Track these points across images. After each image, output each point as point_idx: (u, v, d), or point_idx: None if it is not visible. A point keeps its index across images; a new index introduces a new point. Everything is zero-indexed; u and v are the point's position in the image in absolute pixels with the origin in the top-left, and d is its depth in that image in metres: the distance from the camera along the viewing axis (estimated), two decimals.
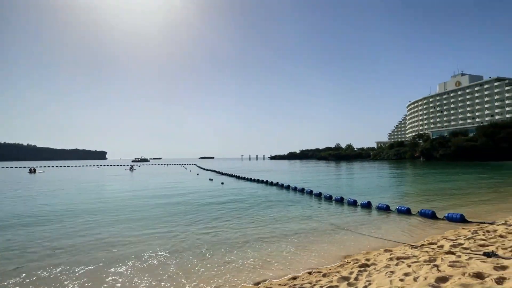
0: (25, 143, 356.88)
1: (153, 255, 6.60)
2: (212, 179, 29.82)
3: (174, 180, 31.26)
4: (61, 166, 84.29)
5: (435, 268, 4.53)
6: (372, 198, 13.60)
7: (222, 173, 39.69)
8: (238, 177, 31.60)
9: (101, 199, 16.58)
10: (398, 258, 5.43)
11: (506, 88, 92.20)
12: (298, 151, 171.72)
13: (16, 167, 79.12)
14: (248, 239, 7.85)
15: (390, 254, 5.80)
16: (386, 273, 4.60)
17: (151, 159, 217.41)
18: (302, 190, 18.12)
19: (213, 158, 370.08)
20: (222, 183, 24.69)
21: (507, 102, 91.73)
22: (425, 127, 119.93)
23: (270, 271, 5.58)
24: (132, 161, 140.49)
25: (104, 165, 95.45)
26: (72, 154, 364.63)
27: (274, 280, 5.12)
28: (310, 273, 5.25)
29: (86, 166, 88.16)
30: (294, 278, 5.06)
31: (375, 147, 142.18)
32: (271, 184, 22.78)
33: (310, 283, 4.67)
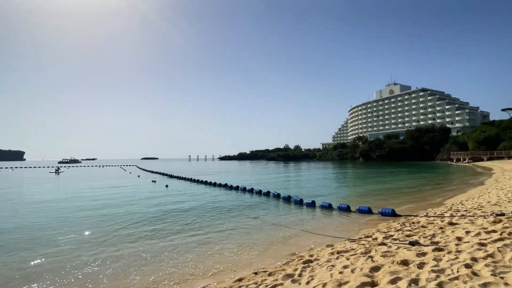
0: None
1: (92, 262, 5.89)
2: (155, 181, 28.22)
3: (109, 184, 28.66)
4: None
5: (370, 259, 4.99)
6: (317, 197, 14.49)
7: (167, 175, 37.88)
8: (184, 179, 30.51)
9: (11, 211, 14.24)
10: (338, 252, 5.84)
11: (429, 98, 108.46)
12: (248, 152, 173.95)
13: None
14: (188, 241, 7.60)
15: (332, 249, 6.21)
16: (327, 267, 4.90)
17: (83, 160, 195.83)
18: (251, 191, 18.36)
19: (157, 159, 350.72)
20: (167, 186, 23.53)
21: (429, 110, 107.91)
22: (364, 130, 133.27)
23: (214, 274, 5.47)
24: (59, 162, 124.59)
25: (21, 167, 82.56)
26: None
27: (219, 285, 5.02)
28: (256, 273, 5.29)
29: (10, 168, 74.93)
30: (239, 280, 5.04)
31: (321, 148, 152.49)
32: (220, 185, 22.55)
33: (255, 283, 4.70)
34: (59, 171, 53.06)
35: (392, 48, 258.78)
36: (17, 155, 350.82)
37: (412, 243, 5.60)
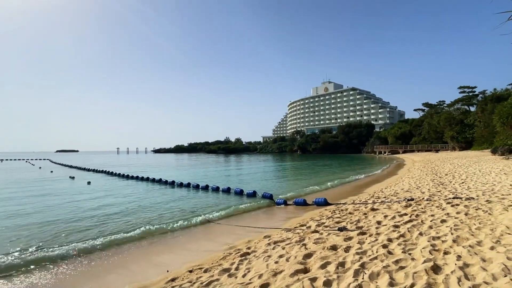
0: None
1: None
2: (73, 177, 25.07)
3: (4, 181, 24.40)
4: None
5: (304, 246, 5.35)
6: (258, 188, 14.89)
7: (89, 170, 34.06)
8: (111, 174, 27.89)
9: None
10: (275, 242, 6.10)
11: (358, 96, 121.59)
12: (186, 144, 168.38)
13: None
14: (120, 243, 7.01)
15: (269, 240, 6.46)
16: (264, 258, 5.07)
17: None
18: (188, 185, 17.83)
19: (77, 151, 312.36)
20: (89, 183, 21.14)
21: (357, 107, 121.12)
22: (301, 124, 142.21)
23: (145, 279, 5.15)
24: None
25: None
26: None
27: (151, 286, 4.75)
28: (191, 271, 5.16)
29: None
30: (173, 280, 4.85)
31: (261, 141, 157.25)
32: (153, 181, 21.29)
33: (190, 281, 4.59)
34: None
35: (328, 47, 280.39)
36: None
37: (340, 229, 6.20)
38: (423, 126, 67.48)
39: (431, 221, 5.95)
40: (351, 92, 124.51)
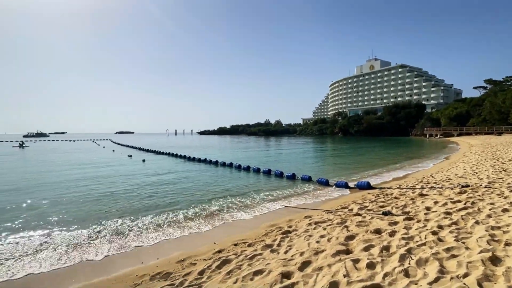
0: None
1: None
2: (131, 156, 27.52)
3: (78, 158, 27.62)
4: None
5: (345, 228, 5.27)
6: (297, 171, 14.84)
7: (143, 149, 36.99)
8: (162, 153, 29.99)
9: None
10: (316, 223, 6.10)
11: (407, 74, 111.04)
12: (228, 126, 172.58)
13: None
14: (169, 216, 7.63)
15: (309, 220, 6.48)
16: (305, 237, 5.12)
17: (51, 133, 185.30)
18: (230, 165, 18.44)
19: (132, 133, 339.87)
20: (144, 161, 23.05)
21: (406, 86, 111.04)
22: (344, 105, 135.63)
23: (196, 248, 5.56)
24: (24, 136, 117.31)
25: None
26: None
27: (198, 257, 5.12)
28: (236, 244, 5.44)
29: None
30: (219, 251, 5.16)
31: (301, 124, 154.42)
32: (199, 160, 22.43)
33: (235, 254, 4.84)
34: (24, 145, 50.08)
35: (374, 23, 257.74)
36: None
37: (385, 213, 5.95)
38: (483, 105, 59.59)
39: (490, 209, 5.39)
40: (399, 70, 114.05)
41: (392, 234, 4.60)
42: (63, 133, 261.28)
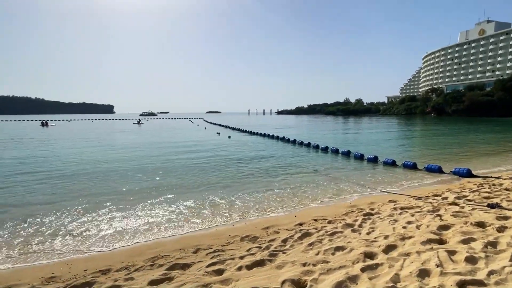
0: (33, 97, 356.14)
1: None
2: (219, 133, 30.20)
3: (183, 134, 31.75)
4: (70, 120, 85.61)
5: (438, 217, 4.70)
6: (379, 153, 13.65)
7: (229, 127, 39.97)
8: (244, 131, 31.89)
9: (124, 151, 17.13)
10: (402, 208, 5.62)
11: None
12: (305, 106, 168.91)
13: (27, 120, 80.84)
14: (259, 188, 8.20)
15: (394, 205, 6.00)
16: (389, 221, 4.81)
17: (158, 113, 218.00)
18: (308, 145, 18.26)
19: (219, 112, 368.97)
20: (229, 137, 25.06)
21: None
22: (440, 80, 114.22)
23: (278, 218, 5.90)
24: (140, 115, 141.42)
25: (112, 119, 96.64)
26: (80, 108, 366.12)
27: (280, 227, 5.44)
28: (315, 220, 5.53)
29: (95, 120, 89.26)
30: (300, 224, 5.36)
31: (386, 102, 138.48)
32: (277, 138, 22.97)
33: (315, 228, 4.95)
34: (141, 122, 60.67)
35: None
36: (108, 109, 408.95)
37: (492, 206, 5.03)
38: None
39: None
40: None
41: (500, 229, 3.89)
42: (166, 112, 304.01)
